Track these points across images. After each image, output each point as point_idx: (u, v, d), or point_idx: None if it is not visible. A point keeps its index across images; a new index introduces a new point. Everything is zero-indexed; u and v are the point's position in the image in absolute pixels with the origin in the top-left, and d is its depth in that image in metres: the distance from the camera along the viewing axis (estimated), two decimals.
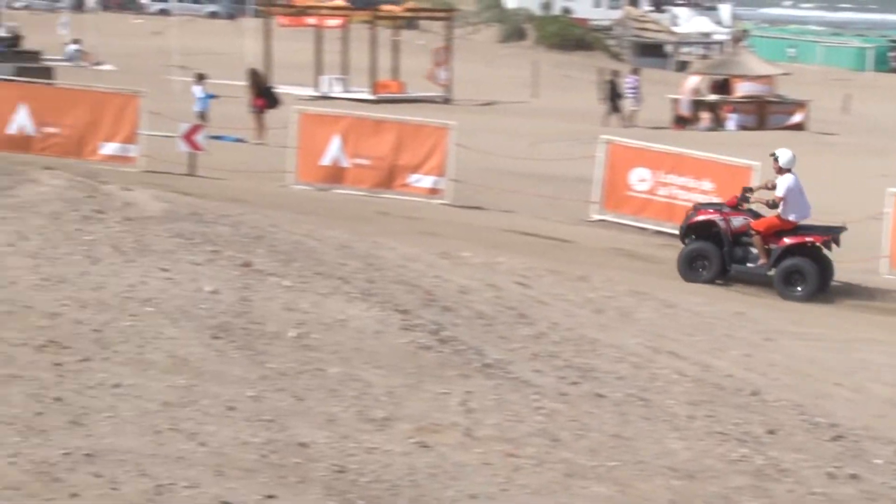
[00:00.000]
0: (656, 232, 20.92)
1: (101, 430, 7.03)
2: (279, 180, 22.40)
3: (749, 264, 18.24)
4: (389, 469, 7.39)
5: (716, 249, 18.19)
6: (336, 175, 22.50)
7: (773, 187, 18.30)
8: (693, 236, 18.43)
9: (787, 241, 18.08)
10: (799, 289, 17.84)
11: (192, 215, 12.59)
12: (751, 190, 18.61)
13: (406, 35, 54.06)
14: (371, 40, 46.81)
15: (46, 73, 38.95)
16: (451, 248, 16.29)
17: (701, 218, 18.45)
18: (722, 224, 18.30)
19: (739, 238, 18.26)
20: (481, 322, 11.11)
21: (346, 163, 22.47)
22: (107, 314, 8.88)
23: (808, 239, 18.11)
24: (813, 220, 18.35)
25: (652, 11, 77.74)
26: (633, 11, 75.50)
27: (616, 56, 68.38)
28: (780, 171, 18.25)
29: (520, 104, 45.60)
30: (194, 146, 23.44)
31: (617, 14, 76.84)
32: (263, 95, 31.12)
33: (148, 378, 7.95)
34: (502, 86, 50.59)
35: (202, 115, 28.17)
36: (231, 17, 79.37)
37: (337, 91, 44.70)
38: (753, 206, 18.52)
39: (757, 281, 18.08)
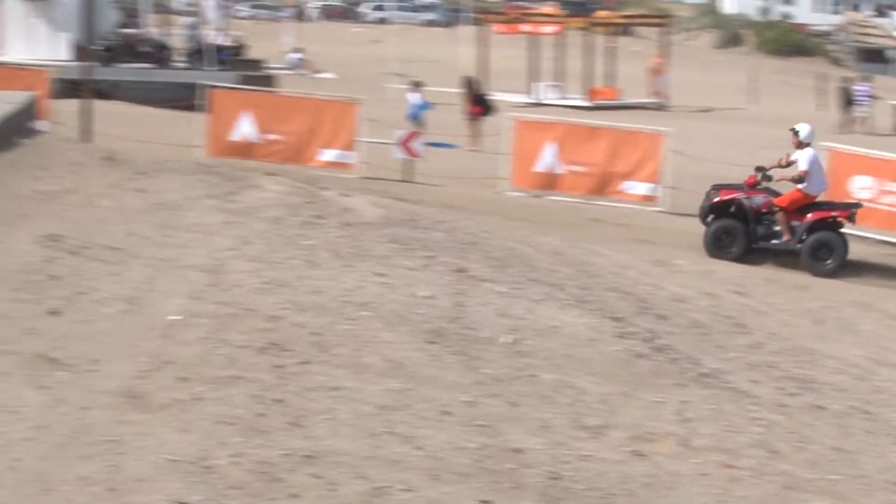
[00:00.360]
0: (880, 241, 20.41)
1: (320, 432, 7.14)
2: (493, 186, 22.49)
3: (774, 241, 18.64)
4: (604, 477, 7.35)
5: (741, 226, 18.59)
6: (550, 182, 22.50)
7: (787, 164, 18.65)
8: (714, 216, 18.73)
9: (811, 216, 18.46)
10: (829, 262, 18.18)
11: (408, 221, 12.71)
12: (763, 168, 18.80)
13: (621, 41, 53.79)
14: (586, 47, 46.70)
15: (269, 81, 39.92)
16: (665, 256, 16.15)
17: (725, 197, 18.78)
18: (746, 202, 18.65)
19: (762, 216, 18.64)
20: (697, 331, 10.97)
21: (560, 169, 22.45)
22: (325, 318, 9.02)
23: (833, 213, 18.53)
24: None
25: (874, 16, 75.84)
26: (856, 16, 73.78)
27: (837, 62, 66.92)
28: (801, 145, 18.58)
29: (737, 111, 44.98)
30: (411, 153, 23.71)
31: (838, 19, 75.17)
32: (478, 102, 31.31)
33: (365, 381, 8.04)
34: (719, 92, 49.96)
35: (418, 123, 28.45)
36: (448, 25, 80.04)
37: (551, 98, 44.73)
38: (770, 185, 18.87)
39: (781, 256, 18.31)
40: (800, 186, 18.43)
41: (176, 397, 7.14)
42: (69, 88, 26.34)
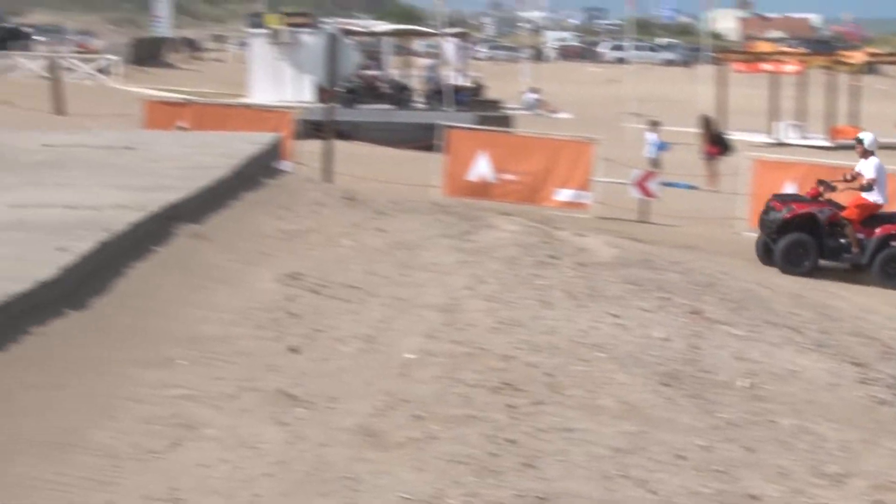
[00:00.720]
0: None
1: (553, 474, 7.13)
2: (730, 227, 22.19)
3: (845, 254, 18.42)
4: None
5: (813, 241, 18.43)
6: None
7: (852, 178, 18.53)
8: (783, 230, 18.56)
9: (879, 230, 18.24)
10: None
11: (643, 262, 12.64)
12: (826, 182, 18.71)
13: (866, 80, 52.58)
14: (828, 85, 45.78)
15: (506, 121, 40.22)
16: None
17: (801, 211, 18.61)
18: (821, 216, 18.47)
19: (833, 229, 18.55)
20: None
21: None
22: (559, 358, 9.01)
23: None
24: None
25: None
26: None
27: None
28: (865, 153, 18.49)
29: None
30: (647, 193, 23.58)
31: None
32: (716, 142, 31.00)
33: (598, 423, 8.00)
34: None
35: (654, 162, 28.29)
36: (686, 64, 79.48)
37: (792, 137, 43.97)
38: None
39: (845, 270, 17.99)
40: (865, 195, 18.23)
41: (411, 436, 7.22)
42: (312, 129, 27.00)
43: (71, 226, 9.24)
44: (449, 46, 52.68)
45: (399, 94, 48.20)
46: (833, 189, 18.65)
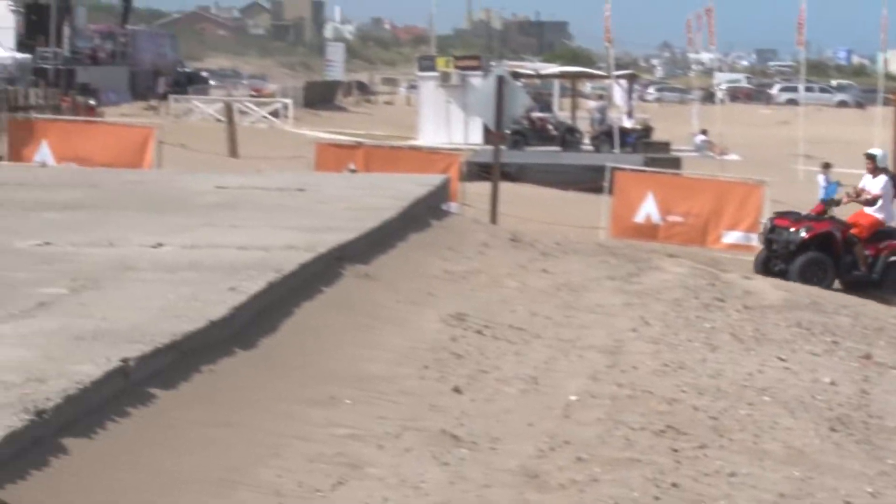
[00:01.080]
0: None
1: None
2: None
3: (854, 272, 18.26)
4: None
5: (830, 259, 18.32)
6: None
7: (858, 195, 18.61)
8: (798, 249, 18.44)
9: (886, 246, 18.23)
10: None
11: (812, 305, 12.46)
12: (832, 201, 19.00)
13: None
14: None
15: (675, 163, 39.99)
16: None
17: (820, 230, 18.54)
18: (837, 234, 18.28)
19: (847, 247, 18.38)
20: None
21: None
22: (724, 402, 8.92)
23: None
24: None
25: None
26: None
27: None
28: (876, 170, 18.55)
29: None
30: None
31: None
32: None
33: (764, 468, 7.90)
34: None
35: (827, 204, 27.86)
36: (860, 105, 78.15)
37: None
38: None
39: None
40: (870, 210, 18.00)
41: (573, 478, 7.21)
42: (479, 171, 27.18)
43: (242, 266, 9.45)
44: (617, 88, 52.60)
45: (567, 136, 48.25)
46: (838, 204, 18.80)
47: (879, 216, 18.50)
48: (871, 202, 18.41)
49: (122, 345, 6.92)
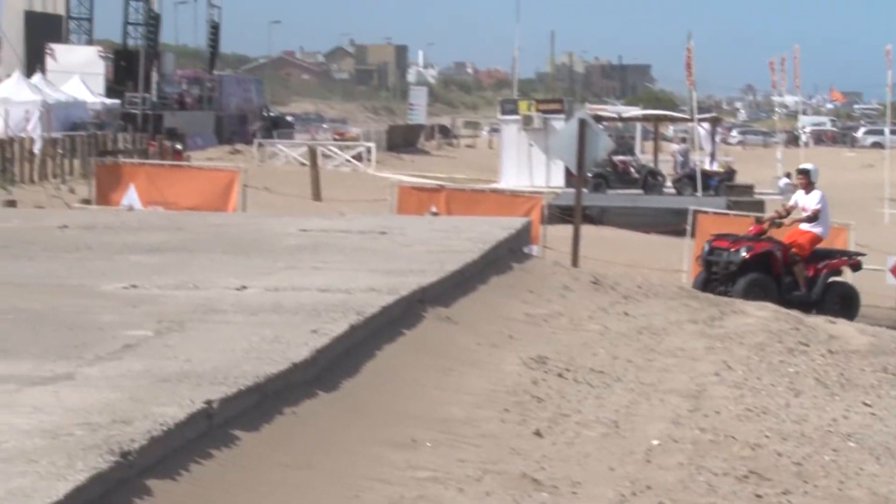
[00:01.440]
0: None
1: None
2: None
3: (795, 292, 17.97)
4: None
5: (771, 280, 18.06)
6: None
7: (788, 211, 18.77)
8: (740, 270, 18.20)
9: (823, 266, 18.09)
10: (850, 311, 17.47)
11: None
12: (762, 219, 18.88)
13: None
14: None
15: (758, 206, 39.76)
16: None
17: (760, 250, 18.28)
18: (778, 253, 18.06)
19: (787, 267, 18.17)
20: None
21: None
22: (807, 447, 8.84)
23: (844, 260, 18.41)
24: None
25: None
26: None
27: None
28: (809, 185, 18.68)
29: None
30: None
31: None
32: None
33: None
34: None
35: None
36: None
37: None
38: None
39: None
40: (808, 227, 17.94)
41: None
42: (561, 214, 27.17)
43: (324, 308, 9.51)
44: (700, 131, 52.40)
45: (649, 179, 48.13)
46: (779, 225, 18.68)
47: (817, 231, 18.54)
48: (812, 217, 18.49)
49: (206, 386, 6.99)
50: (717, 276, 18.81)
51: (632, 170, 48.10)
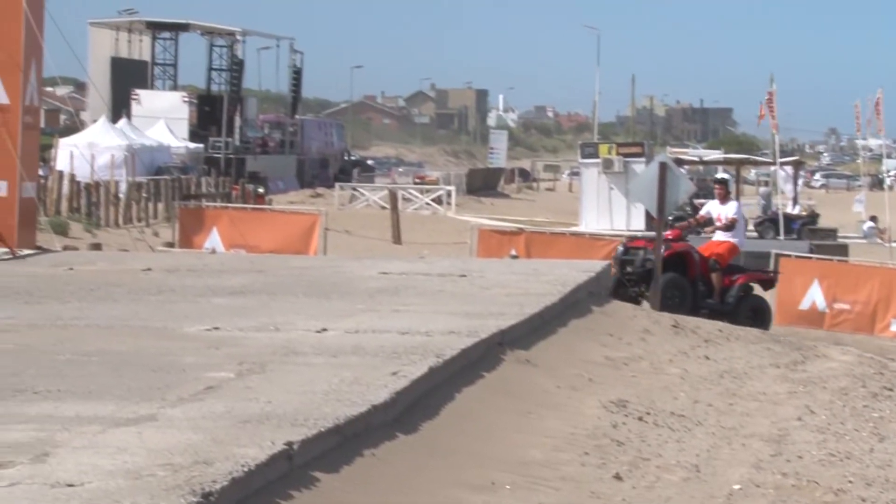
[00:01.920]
0: None
1: None
2: None
3: (709, 300, 17.83)
4: None
5: (688, 282, 17.85)
6: None
7: (704, 221, 18.62)
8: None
9: (739, 278, 17.95)
10: (763, 324, 17.36)
11: None
12: (686, 225, 18.88)
13: None
14: None
15: (841, 249, 39.38)
16: None
17: (679, 249, 18.04)
18: (696, 255, 17.77)
19: (701, 273, 17.94)
20: None
21: None
22: (892, 493, 8.74)
23: (760, 275, 18.46)
24: None
25: None
26: None
27: None
28: (726, 196, 18.85)
29: None
30: None
31: None
32: None
33: None
34: None
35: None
36: None
37: None
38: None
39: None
40: (725, 236, 18.12)
41: None
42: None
43: (404, 351, 9.55)
44: (782, 174, 52.06)
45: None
46: (698, 233, 18.66)
47: (735, 240, 18.45)
48: (730, 226, 18.45)
49: (287, 428, 7.04)
50: (631, 277, 18.59)
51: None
